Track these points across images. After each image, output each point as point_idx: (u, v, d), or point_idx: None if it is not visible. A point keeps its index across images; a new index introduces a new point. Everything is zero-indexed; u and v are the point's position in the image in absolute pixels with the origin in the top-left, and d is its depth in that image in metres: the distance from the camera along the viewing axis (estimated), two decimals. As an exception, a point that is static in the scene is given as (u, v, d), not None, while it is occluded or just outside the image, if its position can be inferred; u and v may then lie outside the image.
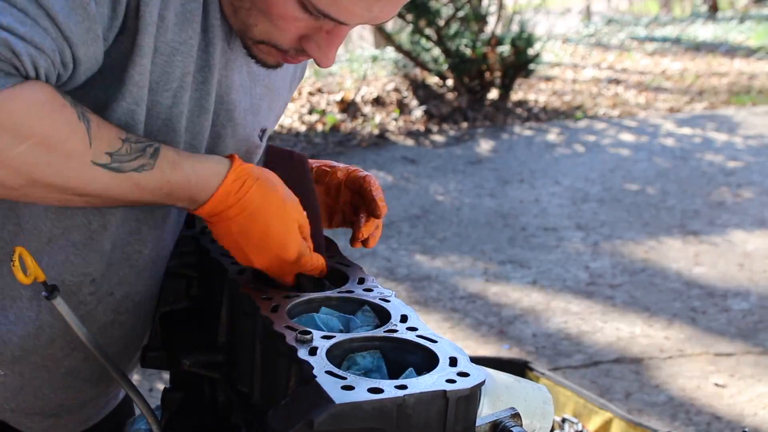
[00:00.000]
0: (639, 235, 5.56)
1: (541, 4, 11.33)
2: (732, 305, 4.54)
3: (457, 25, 9.08)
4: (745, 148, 7.64)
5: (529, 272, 4.99)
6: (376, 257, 5.22)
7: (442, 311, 4.52)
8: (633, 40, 13.76)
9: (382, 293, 1.22)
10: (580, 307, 4.55)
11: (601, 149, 7.69)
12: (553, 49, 12.34)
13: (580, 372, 3.91)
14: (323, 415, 0.93)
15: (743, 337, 4.18)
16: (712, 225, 5.73)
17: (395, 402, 0.95)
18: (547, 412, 1.20)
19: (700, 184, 6.62)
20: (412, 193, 6.42)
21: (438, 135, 8.18)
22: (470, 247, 5.41)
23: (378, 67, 10.21)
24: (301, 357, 1.03)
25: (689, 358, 4.01)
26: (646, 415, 3.51)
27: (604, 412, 2.48)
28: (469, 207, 6.19)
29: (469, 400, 1.00)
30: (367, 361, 1.08)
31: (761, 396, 3.68)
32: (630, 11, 21.03)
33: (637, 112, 9.11)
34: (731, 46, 12.76)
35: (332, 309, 1.19)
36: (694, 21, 15.64)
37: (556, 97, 9.71)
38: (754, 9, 17.08)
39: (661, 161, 7.27)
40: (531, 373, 2.62)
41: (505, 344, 4.17)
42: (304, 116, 8.69)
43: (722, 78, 10.72)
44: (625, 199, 6.30)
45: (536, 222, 5.84)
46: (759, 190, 6.47)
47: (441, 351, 1.06)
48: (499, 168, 7.13)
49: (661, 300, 4.62)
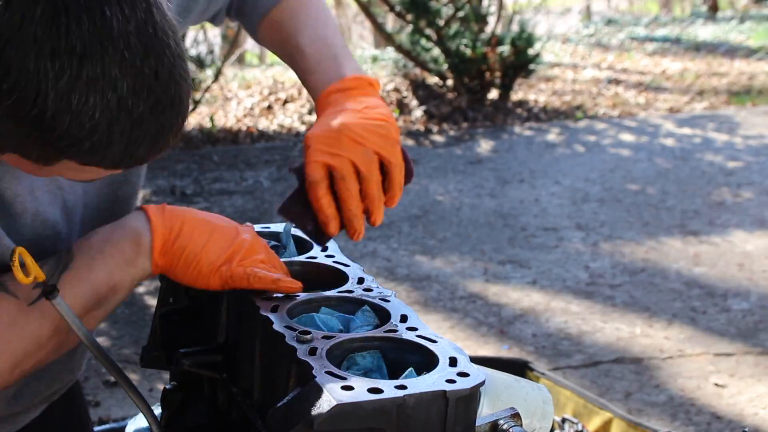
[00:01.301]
0: (639, 235, 5.56)
1: (541, 4, 11.33)
2: (732, 305, 4.54)
3: (457, 25, 9.08)
4: (745, 148, 7.64)
5: (529, 272, 4.99)
6: (376, 257, 5.22)
7: (442, 311, 4.52)
8: (633, 40, 13.76)
9: (382, 293, 1.22)
10: (580, 307, 4.55)
11: (601, 149, 7.69)
12: (553, 49, 12.34)
13: (580, 372, 3.91)
14: (323, 415, 0.93)
15: (743, 337, 4.18)
16: (712, 225, 5.73)
17: (395, 402, 0.95)
18: (546, 411, 1.20)
19: (700, 184, 6.62)
20: (412, 193, 6.42)
21: (438, 135, 8.18)
22: (470, 247, 5.41)
23: (378, 67, 10.21)
24: (301, 357, 1.03)
25: (689, 358, 4.01)
26: (646, 415, 3.51)
27: (604, 412, 2.48)
28: (469, 207, 6.19)
29: (469, 400, 1.00)
30: (367, 361, 1.08)
31: (761, 396, 3.68)
32: (630, 11, 21.03)
33: (637, 112, 9.11)
34: (731, 46, 12.75)
35: (332, 309, 1.19)
36: (694, 21, 15.64)
37: (556, 97, 9.71)
38: (754, 9, 17.07)
39: (661, 161, 7.27)
40: (531, 373, 2.61)
41: (505, 344, 4.17)
42: (304, 116, 8.69)
43: (722, 78, 10.71)
44: (625, 199, 6.30)
45: (536, 222, 5.84)
46: (759, 190, 6.47)
47: (441, 351, 1.06)
48: (499, 168, 7.13)
49: (661, 300, 4.62)
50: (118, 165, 1.00)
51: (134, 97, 0.94)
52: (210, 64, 9.22)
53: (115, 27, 0.91)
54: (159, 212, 1.20)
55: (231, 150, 7.83)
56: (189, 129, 8.16)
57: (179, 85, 0.98)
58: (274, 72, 10.69)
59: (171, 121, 0.99)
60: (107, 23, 0.91)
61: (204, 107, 9.00)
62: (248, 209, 6.27)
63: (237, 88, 9.96)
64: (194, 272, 1.19)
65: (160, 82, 0.95)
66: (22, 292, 1.15)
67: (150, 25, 0.94)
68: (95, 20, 0.90)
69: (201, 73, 8.93)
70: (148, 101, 0.95)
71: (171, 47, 0.97)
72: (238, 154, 7.67)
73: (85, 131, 0.93)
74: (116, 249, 1.19)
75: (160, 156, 1.04)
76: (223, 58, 9.60)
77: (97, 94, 0.92)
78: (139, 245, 1.19)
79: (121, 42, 0.92)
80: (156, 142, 0.99)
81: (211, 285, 1.20)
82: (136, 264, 1.19)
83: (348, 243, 5.77)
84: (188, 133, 8.00)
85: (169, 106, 0.97)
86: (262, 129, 8.39)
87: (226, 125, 8.57)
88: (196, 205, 6.33)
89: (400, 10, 9.05)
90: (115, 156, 0.98)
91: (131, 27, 0.93)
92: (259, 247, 1.22)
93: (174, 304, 1.32)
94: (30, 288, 1.14)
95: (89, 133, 0.94)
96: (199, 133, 8.21)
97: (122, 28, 0.92)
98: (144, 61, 0.94)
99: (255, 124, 8.59)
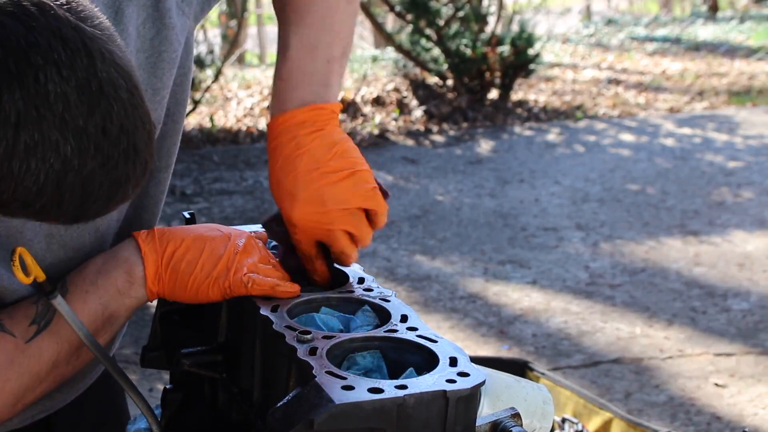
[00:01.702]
0: (639, 235, 5.56)
1: (541, 4, 11.33)
2: (732, 305, 4.54)
3: (457, 25, 9.09)
4: (745, 148, 7.64)
5: (529, 272, 4.99)
6: (376, 257, 5.22)
7: (442, 311, 4.52)
8: (633, 40, 13.75)
9: (382, 293, 1.22)
10: (580, 307, 4.55)
11: (601, 149, 7.70)
12: (553, 49, 12.34)
13: (580, 372, 3.91)
14: (323, 415, 0.93)
15: (743, 337, 4.19)
16: (712, 225, 5.73)
17: (395, 402, 0.95)
18: (547, 411, 1.20)
19: (700, 184, 6.62)
20: (412, 193, 6.42)
21: (438, 135, 8.18)
22: (470, 247, 5.41)
23: (378, 67, 10.21)
24: (301, 357, 1.03)
25: (689, 358, 4.01)
26: (646, 415, 3.51)
27: (604, 412, 2.48)
28: (469, 207, 6.19)
29: (469, 400, 1.00)
30: (367, 361, 1.08)
31: (761, 396, 3.68)
32: (630, 11, 21.02)
33: (637, 112, 9.11)
34: (731, 46, 12.75)
35: (332, 309, 1.19)
36: (694, 21, 15.63)
37: (556, 97, 9.71)
38: (754, 9, 17.06)
39: (661, 161, 7.27)
40: (531, 373, 2.61)
41: (505, 344, 4.17)
42: (304, 116, 8.68)
43: (722, 78, 10.71)
44: (625, 199, 6.30)
45: (536, 222, 5.84)
46: (759, 190, 6.47)
47: (441, 351, 1.06)
48: (499, 168, 7.13)
49: (661, 300, 4.62)
50: (76, 220, 1.00)
51: (80, 158, 0.92)
52: (210, 64, 9.23)
53: (51, 91, 0.89)
54: (149, 239, 1.21)
55: (231, 150, 7.83)
56: (189, 129, 8.16)
57: (133, 135, 0.96)
58: (274, 72, 10.69)
59: (127, 174, 0.97)
60: (41, 88, 0.89)
61: (204, 107, 9.01)
62: (248, 209, 6.27)
63: (237, 88, 9.96)
64: (192, 291, 1.20)
65: (108, 138, 0.93)
66: (19, 329, 1.16)
67: (94, 82, 0.92)
68: (28, 87, 0.88)
69: (201, 73, 8.93)
70: (96, 159, 0.93)
71: (121, 99, 0.94)
72: (238, 154, 7.67)
73: (33, 194, 0.93)
74: (109, 281, 1.20)
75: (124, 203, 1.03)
76: (223, 58, 9.61)
77: (38, 160, 0.90)
78: (131, 275, 1.20)
79: (59, 105, 0.90)
80: (113, 196, 0.98)
81: (211, 298, 1.21)
82: (131, 294, 1.21)
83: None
84: (188, 133, 8.00)
85: (123, 160, 0.95)
86: (262, 129, 8.39)
87: (226, 125, 8.57)
88: (195, 205, 6.33)
89: (400, 10, 9.05)
90: (69, 213, 0.97)
91: (70, 87, 0.90)
92: (254, 251, 1.22)
93: (174, 304, 1.32)
94: (26, 326, 1.16)
95: (37, 195, 0.93)
96: (199, 133, 8.21)
97: (60, 91, 0.90)
98: (88, 119, 0.92)
99: (255, 124, 8.59)
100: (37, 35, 0.89)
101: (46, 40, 0.90)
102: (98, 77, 0.92)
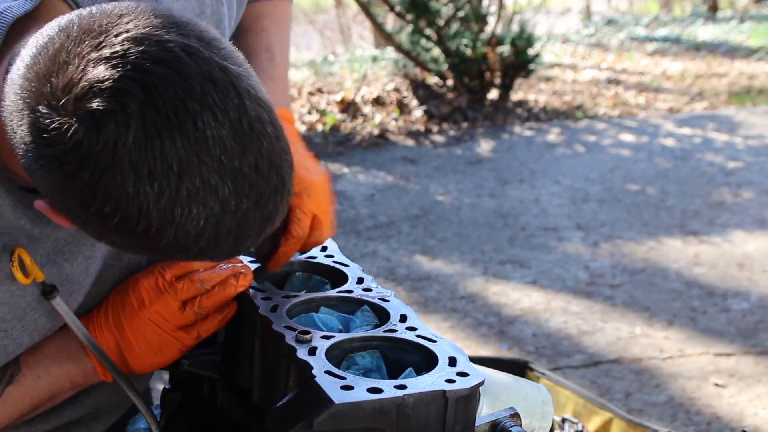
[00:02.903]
0: (639, 235, 5.56)
1: (541, 4, 11.33)
2: (732, 305, 4.54)
3: (457, 25, 9.08)
4: (745, 148, 7.64)
5: (529, 272, 4.99)
6: (376, 257, 5.22)
7: (442, 311, 4.52)
8: (633, 40, 13.75)
9: (382, 293, 1.22)
10: (580, 307, 4.55)
11: (601, 149, 7.69)
12: (553, 49, 12.33)
13: (580, 372, 3.91)
14: (323, 415, 0.93)
15: (743, 337, 4.18)
16: (712, 225, 5.73)
17: (395, 402, 0.95)
18: (546, 411, 1.20)
19: (700, 184, 6.62)
20: (412, 193, 6.42)
21: (438, 135, 8.18)
22: (470, 247, 5.41)
23: (378, 67, 10.21)
24: (301, 357, 1.03)
25: (689, 358, 4.01)
26: (646, 415, 3.51)
27: (604, 412, 2.48)
28: (469, 207, 6.19)
29: (469, 400, 1.00)
30: (367, 361, 1.08)
31: (761, 396, 3.68)
32: (630, 11, 21.01)
33: (637, 113, 9.11)
34: (731, 47, 12.74)
35: (331, 309, 1.19)
36: (694, 21, 15.62)
37: (556, 97, 9.71)
38: (754, 9, 17.05)
39: (661, 161, 7.27)
40: (531, 373, 2.61)
41: (505, 344, 4.17)
42: (304, 116, 8.69)
43: (722, 78, 10.71)
44: (625, 199, 6.30)
45: (536, 222, 5.84)
46: (759, 190, 6.47)
47: (440, 351, 1.06)
48: (499, 168, 7.13)
49: (661, 300, 4.62)
50: (226, 258, 1.01)
51: (236, 198, 0.93)
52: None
53: (209, 135, 0.90)
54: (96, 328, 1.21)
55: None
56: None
57: (280, 168, 0.96)
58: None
59: (276, 207, 0.98)
60: (200, 135, 0.89)
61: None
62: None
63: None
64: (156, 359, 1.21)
65: (260, 175, 0.94)
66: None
67: (245, 121, 0.92)
68: (188, 135, 0.88)
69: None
70: (251, 197, 0.94)
71: (268, 134, 0.94)
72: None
73: (192, 238, 0.93)
74: (62, 371, 1.22)
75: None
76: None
77: (200, 205, 0.91)
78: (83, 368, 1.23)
79: (217, 149, 0.90)
80: (264, 230, 0.99)
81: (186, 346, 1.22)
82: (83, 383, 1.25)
83: (348, 243, 5.78)
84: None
85: (273, 195, 0.96)
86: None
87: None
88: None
89: (400, 10, 9.05)
90: (223, 252, 0.98)
91: (225, 131, 0.91)
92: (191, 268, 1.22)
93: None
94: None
95: (196, 239, 0.94)
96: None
97: (216, 134, 0.90)
98: (243, 159, 0.92)
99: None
100: (192, 81, 0.89)
101: (199, 85, 0.89)
102: (248, 116, 0.92)
